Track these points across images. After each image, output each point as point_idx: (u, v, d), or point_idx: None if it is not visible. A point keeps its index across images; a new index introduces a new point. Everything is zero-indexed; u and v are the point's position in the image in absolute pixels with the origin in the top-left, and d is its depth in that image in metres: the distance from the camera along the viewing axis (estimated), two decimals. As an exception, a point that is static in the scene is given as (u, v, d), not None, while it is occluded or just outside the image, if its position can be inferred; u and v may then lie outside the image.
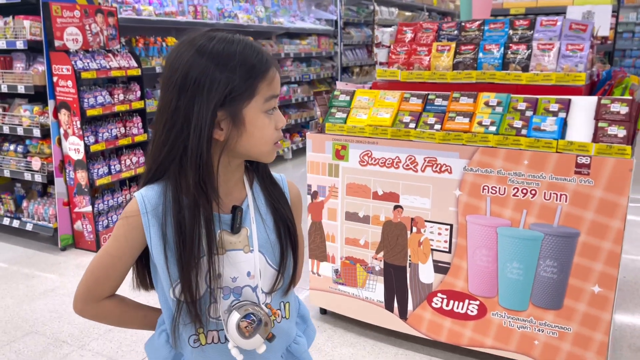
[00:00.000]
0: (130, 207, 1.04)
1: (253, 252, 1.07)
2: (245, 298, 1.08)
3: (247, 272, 1.07)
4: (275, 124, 1.04)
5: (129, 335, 2.72)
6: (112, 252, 1.07)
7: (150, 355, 1.16)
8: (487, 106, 2.29)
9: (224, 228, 1.06)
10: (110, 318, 1.14)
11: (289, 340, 1.17)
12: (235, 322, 1.03)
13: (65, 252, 3.85)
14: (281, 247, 1.11)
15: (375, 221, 2.51)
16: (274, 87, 1.03)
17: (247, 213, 1.08)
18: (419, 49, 2.64)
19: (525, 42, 2.42)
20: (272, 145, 1.05)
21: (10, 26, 3.69)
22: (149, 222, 1.02)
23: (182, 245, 1.00)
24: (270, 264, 1.10)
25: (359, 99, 2.60)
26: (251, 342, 1.04)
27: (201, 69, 0.97)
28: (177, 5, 5.11)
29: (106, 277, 1.08)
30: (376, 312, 2.59)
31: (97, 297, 1.09)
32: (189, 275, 1.01)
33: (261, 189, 1.13)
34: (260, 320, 1.04)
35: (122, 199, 4.03)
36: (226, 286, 1.06)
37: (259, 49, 1.02)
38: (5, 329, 2.80)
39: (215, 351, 1.09)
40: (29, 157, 3.87)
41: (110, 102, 3.85)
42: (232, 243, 1.06)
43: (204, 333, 1.08)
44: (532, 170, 2.12)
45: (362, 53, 8.79)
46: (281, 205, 1.13)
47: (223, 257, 1.05)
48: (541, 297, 2.20)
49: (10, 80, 3.77)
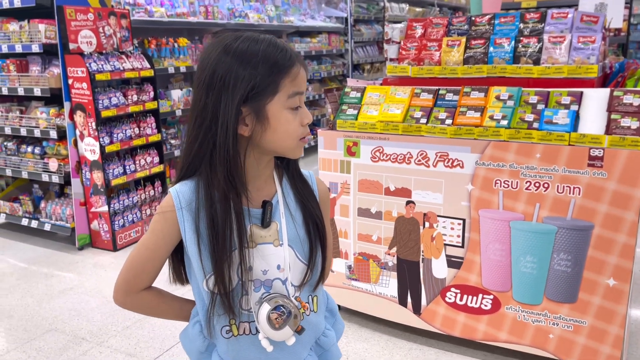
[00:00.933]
0: (166, 203, 1.09)
1: (282, 245, 1.10)
2: (275, 291, 1.11)
3: (277, 265, 1.10)
4: (301, 120, 1.06)
5: (146, 332, 2.76)
6: (149, 246, 1.11)
7: (185, 344, 1.20)
8: (498, 100, 2.29)
9: (254, 222, 1.09)
10: (148, 309, 1.19)
11: (317, 333, 1.20)
12: (265, 314, 1.06)
13: (83, 252, 3.91)
14: (310, 242, 1.14)
15: (388, 217, 2.52)
16: (298, 84, 1.05)
17: (277, 208, 1.11)
18: (429, 45, 2.64)
19: (536, 35, 2.41)
20: (297, 140, 1.06)
21: (25, 30, 3.75)
22: (183, 217, 1.07)
23: (214, 239, 1.04)
24: (300, 258, 1.13)
25: (370, 95, 2.61)
26: (281, 333, 1.07)
27: (227, 67, 1.02)
28: (189, 6, 5.15)
29: (143, 270, 1.12)
30: (390, 308, 2.60)
31: (136, 289, 1.14)
32: (221, 268, 1.04)
33: (290, 186, 1.15)
34: (290, 313, 1.07)
35: (137, 199, 4.08)
36: (257, 279, 1.09)
37: (283, 47, 1.04)
38: (26, 327, 2.86)
39: (247, 342, 1.12)
40: (46, 158, 3.94)
41: (124, 103, 3.90)
42: (262, 237, 1.10)
43: (236, 324, 1.11)
44: (544, 164, 2.11)
45: (373, 50, 8.78)
46: (310, 202, 1.15)
47: (254, 250, 1.09)
48: (555, 290, 2.20)
49: (27, 83, 3.84)
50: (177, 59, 4.88)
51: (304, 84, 1.06)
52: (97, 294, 3.22)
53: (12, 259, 3.80)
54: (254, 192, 1.10)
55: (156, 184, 4.27)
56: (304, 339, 1.15)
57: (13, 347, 2.67)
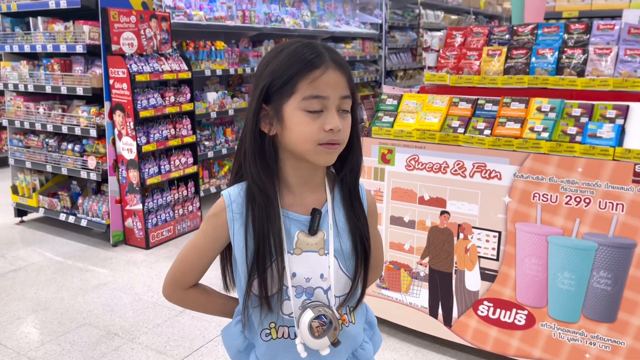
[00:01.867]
0: (218, 204, 1.11)
1: (328, 255, 1.10)
2: (317, 299, 1.11)
3: (321, 274, 1.10)
4: (322, 124, 1.02)
5: (176, 331, 2.80)
6: (199, 245, 1.14)
7: (225, 341, 1.22)
8: (539, 112, 2.24)
9: (302, 229, 1.10)
10: (193, 305, 1.23)
11: (355, 345, 1.19)
12: (308, 321, 1.06)
13: (116, 248, 4.00)
14: (356, 258, 1.13)
15: (421, 226, 2.49)
16: (317, 88, 1.01)
17: (326, 217, 1.11)
18: (469, 54, 2.61)
19: (581, 46, 2.36)
20: (315, 145, 1.03)
21: (70, 31, 3.87)
22: (232, 219, 1.09)
23: (257, 242, 1.06)
24: (343, 270, 1.13)
25: (407, 103, 2.59)
26: (318, 342, 1.07)
27: (260, 66, 1.07)
28: (226, 10, 5.23)
29: (191, 269, 1.16)
30: (420, 318, 2.57)
31: (183, 286, 1.18)
32: (264, 272, 1.06)
33: (341, 198, 1.14)
34: (331, 323, 1.07)
35: (170, 198, 4.15)
36: (299, 285, 1.10)
37: (314, 50, 1.03)
38: (61, 320, 2.94)
39: (283, 346, 1.13)
40: (85, 156, 4.05)
41: (162, 104, 3.98)
42: (308, 244, 1.10)
43: (276, 328, 1.12)
44: (586, 178, 2.06)
45: (407, 57, 8.73)
46: (360, 219, 1.14)
47: (299, 257, 1.09)
48: (594, 309, 2.14)
49: (70, 82, 3.96)
50: (214, 62, 4.95)
51: (328, 89, 1.02)
52: (129, 291, 3.28)
53: (49, 253, 3.91)
54: (303, 198, 1.11)
55: (189, 184, 4.33)
56: (341, 350, 1.14)
57: (48, 340, 2.74)
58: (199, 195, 4.46)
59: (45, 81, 4.10)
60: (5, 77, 4.40)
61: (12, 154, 4.54)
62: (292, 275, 1.09)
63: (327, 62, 1.02)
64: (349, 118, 1.06)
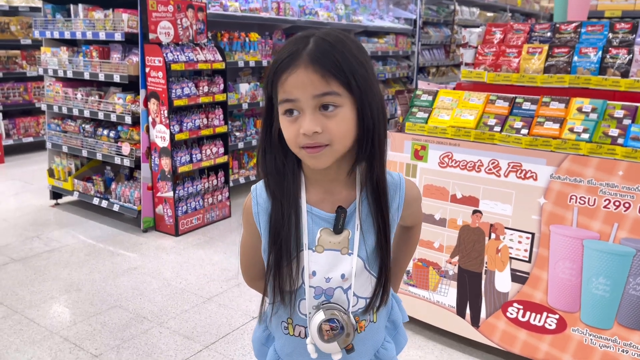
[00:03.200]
0: (247, 201, 1.12)
1: (351, 255, 1.06)
2: (336, 300, 1.07)
3: (342, 274, 1.06)
4: (298, 127, 0.96)
5: (203, 318, 2.84)
6: (246, 240, 1.17)
7: (254, 334, 1.25)
8: (580, 112, 2.19)
9: (327, 227, 1.06)
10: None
11: (376, 344, 1.16)
12: (318, 322, 1.04)
13: (147, 234, 4.07)
14: (380, 258, 1.08)
15: (452, 225, 2.46)
16: (285, 91, 0.95)
17: (353, 216, 1.06)
18: (508, 51, 2.55)
19: (626, 46, 2.29)
20: (299, 148, 0.97)
21: (110, 19, 3.94)
22: (258, 212, 1.08)
23: (272, 237, 1.05)
24: (368, 269, 1.08)
25: (442, 99, 2.56)
26: (328, 346, 1.05)
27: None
28: (261, 2, 5.24)
29: (253, 263, 1.18)
30: (447, 317, 2.55)
31: (253, 278, 1.22)
32: (279, 267, 1.04)
33: (367, 195, 1.07)
34: (343, 329, 1.03)
35: (200, 187, 4.20)
36: (318, 286, 1.07)
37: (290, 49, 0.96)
38: (92, 302, 3.01)
39: (297, 344, 1.12)
40: (119, 142, 4.13)
41: (196, 94, 4.02)
42: (331, 243, 1.06)
43: (292, 325, 1.11)
44: (627, 182, 2.00)
45: (440, 53, 8.62)
46: (385, 216, 1.06)
47: (320, 255, 1.06)
48: (629, 316, 2.08)
49: (107, 69, 4.03)
50: (247, 54, 4.97)
51: (297, 91, 0.94)
52: (158, 276, 3.34)
53: (82, 236, 4.01)
54: (332, 194, 1.06)
55: (219, 174, 4.38)
56: (361, 352, 1.11)
57: (80, 320, 2.81)
58: (229, 185, 4.51)
59: (83, 67, 4.19)
60: (45, 63, 4.51)
61: (49, 138, 4.66)
62: (312, 274, 1.06)
63: (298, 62, 0.94)
64: (339, 114, 0.95)
